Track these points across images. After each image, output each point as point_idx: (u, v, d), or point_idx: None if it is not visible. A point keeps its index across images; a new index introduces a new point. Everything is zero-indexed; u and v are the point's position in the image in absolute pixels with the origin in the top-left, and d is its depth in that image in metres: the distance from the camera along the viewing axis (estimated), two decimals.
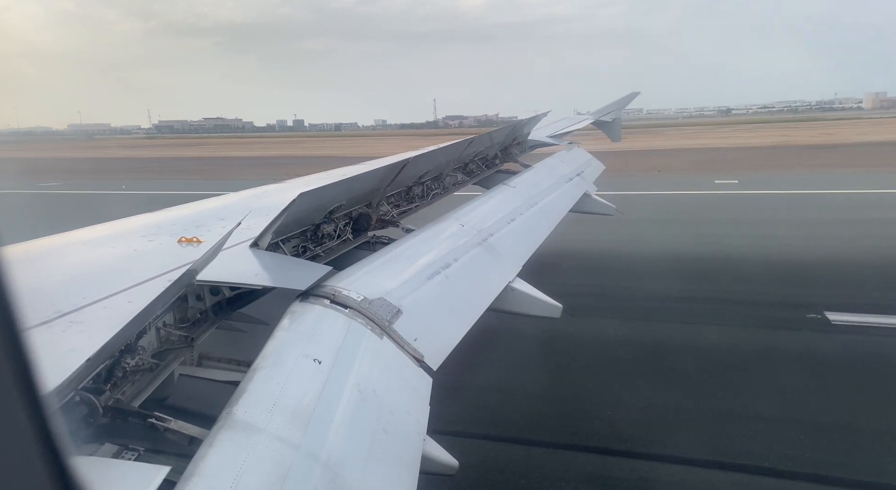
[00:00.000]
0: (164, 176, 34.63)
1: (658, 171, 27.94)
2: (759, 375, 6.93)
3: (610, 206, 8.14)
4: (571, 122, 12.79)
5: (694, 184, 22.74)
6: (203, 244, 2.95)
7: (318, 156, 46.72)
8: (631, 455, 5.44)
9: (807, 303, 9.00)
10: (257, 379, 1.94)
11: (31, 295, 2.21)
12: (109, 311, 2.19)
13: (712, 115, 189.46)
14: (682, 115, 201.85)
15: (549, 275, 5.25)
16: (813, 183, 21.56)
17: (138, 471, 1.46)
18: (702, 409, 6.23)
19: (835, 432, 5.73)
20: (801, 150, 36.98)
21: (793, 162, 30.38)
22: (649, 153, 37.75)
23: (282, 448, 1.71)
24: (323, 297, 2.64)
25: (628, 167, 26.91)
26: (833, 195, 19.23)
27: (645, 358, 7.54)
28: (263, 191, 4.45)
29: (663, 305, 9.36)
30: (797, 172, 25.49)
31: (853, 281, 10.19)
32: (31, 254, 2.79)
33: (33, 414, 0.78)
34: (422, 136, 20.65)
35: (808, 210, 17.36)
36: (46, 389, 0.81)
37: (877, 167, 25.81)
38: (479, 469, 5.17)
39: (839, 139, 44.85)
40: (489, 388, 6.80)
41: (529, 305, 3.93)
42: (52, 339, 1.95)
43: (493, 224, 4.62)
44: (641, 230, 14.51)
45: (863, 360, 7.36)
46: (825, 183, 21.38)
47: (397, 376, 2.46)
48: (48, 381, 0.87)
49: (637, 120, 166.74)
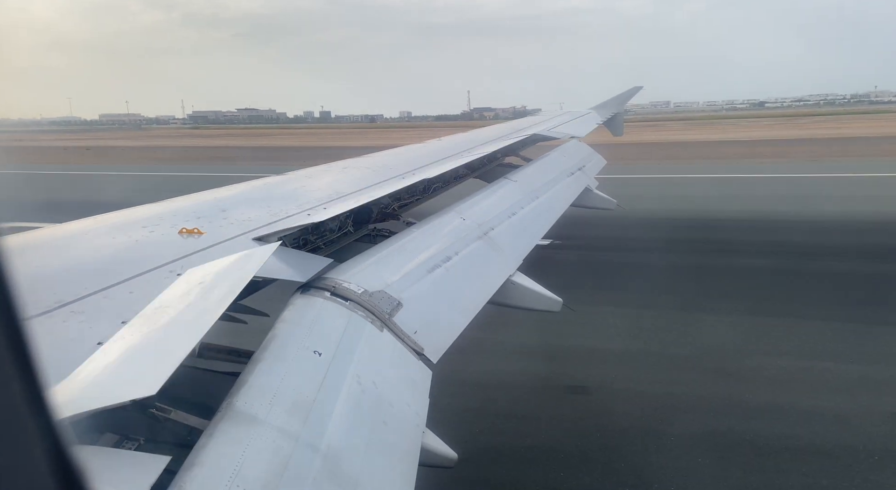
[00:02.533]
0: (260, 163, 35.29)
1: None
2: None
3: (611, 201, 8.13)
4: (572, 118, 12.70)
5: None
6: (204, 235, 2.95)
7: (361, 146, 47.14)
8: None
9: None
10: (258, 370, 1.94)
11: (33, 284, 2.21)
12: (111, 302, 2.19)
13: (745, 108, 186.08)
14: (712, 108, 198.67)
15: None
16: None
17: (138, 461, 1.47)
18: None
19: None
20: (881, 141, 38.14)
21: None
22: (769, 143, 40.79)
23: (282, 439, 1.71)
24: (324, 290, 2.64)
25: (788, 154, 31.66)
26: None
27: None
28: (264, 182, 4.44)
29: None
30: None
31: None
32: (31, 243, 2.79)
33: (33, 404, 0.78)
34: (458, 127, 21.12)
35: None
36: (46, 379, 0.81)
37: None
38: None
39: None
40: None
41: (529, 299, 3.93)
42: (53, 329, 1.96)
43: (494, 218, 4.61)
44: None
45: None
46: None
47: (397, 369, 2.47)
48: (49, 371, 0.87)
49: (666, 113, 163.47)
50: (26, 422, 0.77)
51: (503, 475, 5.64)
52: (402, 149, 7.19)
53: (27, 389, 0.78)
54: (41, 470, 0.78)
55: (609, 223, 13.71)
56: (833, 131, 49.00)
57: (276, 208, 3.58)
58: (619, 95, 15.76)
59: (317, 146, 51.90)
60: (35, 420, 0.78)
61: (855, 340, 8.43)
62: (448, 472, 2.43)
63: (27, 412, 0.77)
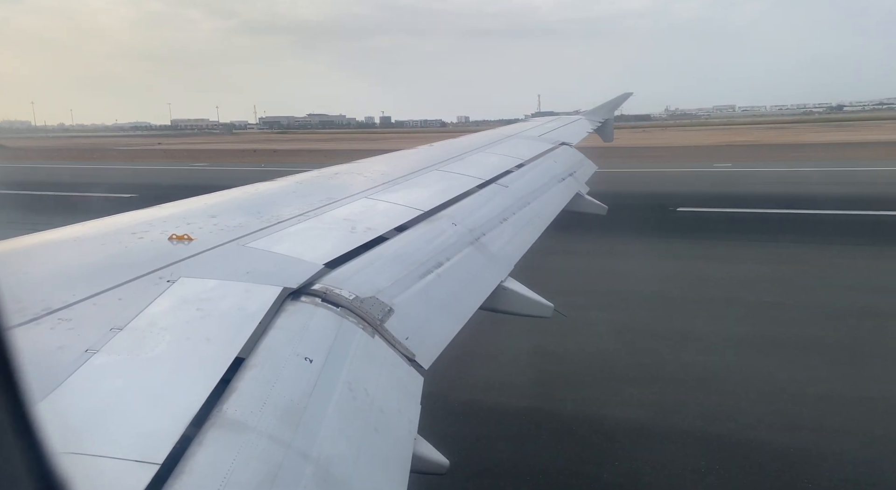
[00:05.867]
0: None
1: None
2: None
3: (602, 206, 8.15)
4: (562, 124, 12.75)
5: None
6: (194, 242, 2.93)
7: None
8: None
9: None
10: (248, 377, 1.92)
11: (19, 291, 2.19)
12: (99, 309, 2.17)
13: (820, 112, 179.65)
14: (784, 112, 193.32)
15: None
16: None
17: (126, 469, 1.45)
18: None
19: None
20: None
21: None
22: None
23: (272, 446, 1.69)
24: (315, 296, 2.62)
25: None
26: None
27: None
28: (255, 189, 4.42)
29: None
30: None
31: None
32: (18, 250, 2.76)
33: (15, 411, 0.77)
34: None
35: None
36: (29, 387, 0.79)
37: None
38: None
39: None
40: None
41: (521, 305, 3.92)
42: (40, 336, 1.93)
43: (486, 223, 4.61)
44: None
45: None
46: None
47: (389, 375, 2.45)
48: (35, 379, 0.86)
49: (734, 117, 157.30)
50: (8, 430, 0.76)
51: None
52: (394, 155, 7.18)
53: (8, 397, 0.76)
54: (23, 479, 0.76)
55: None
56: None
57: (266, 214, 3.56)
58: (610, 102, 15.91)
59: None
60: (17, 428, 0.77)
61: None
62: (440, 479, 2.42)
63: (9, 421, 0.76)
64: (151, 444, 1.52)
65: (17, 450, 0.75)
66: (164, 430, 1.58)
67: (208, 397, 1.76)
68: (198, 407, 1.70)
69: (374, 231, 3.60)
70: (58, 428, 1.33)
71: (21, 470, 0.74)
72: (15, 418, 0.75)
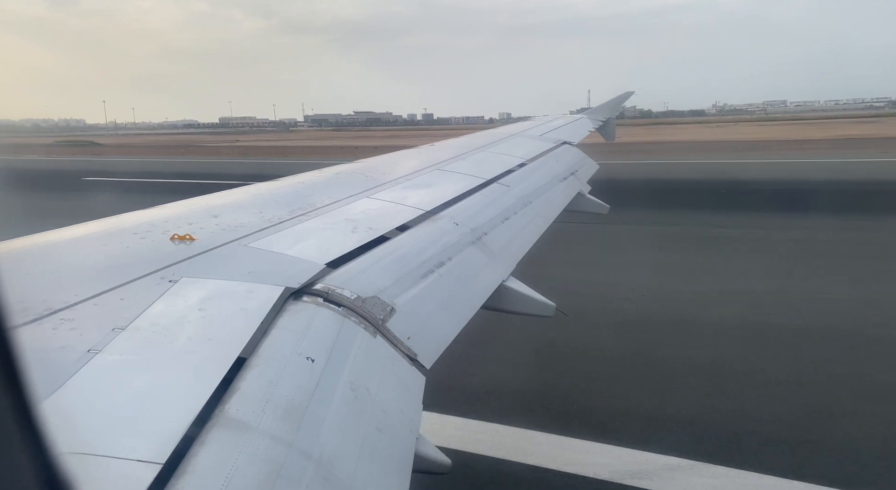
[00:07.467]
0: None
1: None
2: None
3: (604, 206, 8.15)
4: (564, 123, 12.75)
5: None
6: (196, 242, 2.94)
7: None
8: None
9: None
10: (250, 377, 1.93)
11: (21, 291, 2.19)
12: (101, 309, 2.18)
13: (882, 107, 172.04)
14: (839, 107, 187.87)
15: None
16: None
17: (128, 468, 1.45)
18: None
19: None
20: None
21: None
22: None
23: (274, 446, 1.70)
24: (316, 295, 2.63)
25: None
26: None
27: None
28: (256, 189, 4.42)
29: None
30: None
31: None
32: (20, 250, 2.77)
33: (18, 411, 0.77)
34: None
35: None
36: (33, 386, 0.80)
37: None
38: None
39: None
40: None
41: (523, 304, 3.93)
42: (42, 336, 1.94)
43: (487, 223, 4.61)
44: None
45: None
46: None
47: (391, 375, 2.46)
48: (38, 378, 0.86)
49: (784, 112, 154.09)
50: (12, 429, 0.76)
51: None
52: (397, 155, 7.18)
53: (13, 396, 0.76)
54: (27, 478, 0.76)
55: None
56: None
57: (268, 214, 3.57)
58: (612, 100, 15.90)
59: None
60: (22, 427, 0.77)
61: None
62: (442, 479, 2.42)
63: (13, 420, 0.76)
64: (154, 444, 1.52)
65: (20, 449, 0.75)
66: (166, 430, 1.58)
67: (210, 397, 1.76)
68: (200, 406, 1.70)
69: (375, 231, 3.60)
70: (61, 428, 1.34)
71: (25, 469, 0.75)
72: (18, 418, 0.75)
